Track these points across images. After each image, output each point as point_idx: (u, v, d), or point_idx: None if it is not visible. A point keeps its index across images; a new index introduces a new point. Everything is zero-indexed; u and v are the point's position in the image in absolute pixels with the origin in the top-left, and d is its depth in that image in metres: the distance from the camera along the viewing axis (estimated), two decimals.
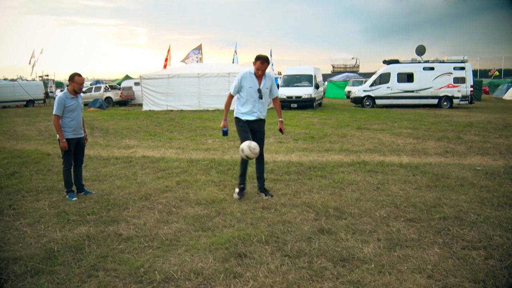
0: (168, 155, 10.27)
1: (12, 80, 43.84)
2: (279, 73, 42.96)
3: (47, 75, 41.97)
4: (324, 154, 10.07)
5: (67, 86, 6.73)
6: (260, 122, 6.53)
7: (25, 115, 25.31)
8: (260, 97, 6.35)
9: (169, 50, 35.81)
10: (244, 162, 6.45)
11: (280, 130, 6.82)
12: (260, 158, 6.60)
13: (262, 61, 6.21)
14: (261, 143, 6.47)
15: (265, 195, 6.47)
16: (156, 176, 8.01)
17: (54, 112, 6.48)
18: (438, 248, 4.51)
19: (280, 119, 6.78)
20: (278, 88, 26.93)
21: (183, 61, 34.88)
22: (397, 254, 4.35)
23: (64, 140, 6.49)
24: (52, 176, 8.15)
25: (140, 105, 28.98)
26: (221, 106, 24.36)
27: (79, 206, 6.21)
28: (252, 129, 6.47)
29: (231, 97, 6.52)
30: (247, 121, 6.42)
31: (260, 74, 6.30)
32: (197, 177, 7.82)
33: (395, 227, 5.11)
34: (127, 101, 35.39)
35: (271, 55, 38.62)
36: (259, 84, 6.34)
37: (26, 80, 43.98)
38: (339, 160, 9.21)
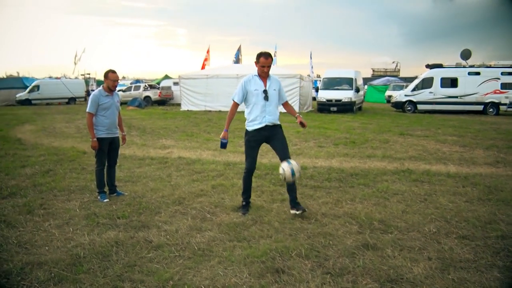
0: (204, 157, 10.01)
1: (57, 78, 44.79)
2: (318, 76, 42.47)
3: (89, 74, 42.67)
4: (366, 160, 9.60)
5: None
6: (272, 129, 5.73)
7: (65, 112, 25.70)
8: (266, 99, 5.65)
9: (208, 51, 35.88)
10: (248, 176, 5.86)
11: (302, 124, 5.76)
12: None
13: (266, 56, 5.64)
14: (284, 147, 5.75)
15: (297, 210, 5.60)
16: (191, 179, 7.73)
17: (87, 110, 6.29)
18: (498, 272, 4.01)
19: (297, 114, 5.85)
20: (317, 91, 26.80)
21: (235, 62, 34.87)
22: (451, 277, 3.88)
23: (95, 139, 6.28)
24: (85, 175, 7.99)
25: (179, 104, 29.08)
26: None
27: (110, 208, 5.97)
28: (267, 138, 5.75)
29: (235, 105, 5.84)
30: (258, 131, 5.69)
31: (266, 71, 5.65)
32: (234, 181, 7.50)
33: (447, 244, 4.63)
34: (165, 101, 35.72)
35: (311, 57, 38.32)
36: (265, 85, 5.71)
37: (70, 78, 44.90)
38: (382, 168, 8.73)
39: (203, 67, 34.21)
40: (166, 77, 44.18)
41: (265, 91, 5.67)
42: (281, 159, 5.66)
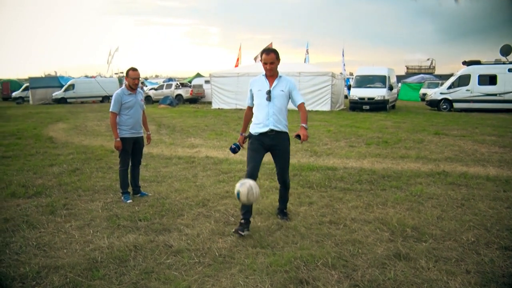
0: (232, 157, 9.80)
1: (92, 77, 45.60)
2: (351, 74, 41.87)
3: (122, 72, 43.26)
4: (399, 161, 9.22)
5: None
6: (277, 137, 5.13)
7: (98, 110, 26.00)
8: (269, 99, 5.07)
9: (240, 49, 35.77)
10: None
11: (298, 137, 4.97)
12: (284, 186, 5.43)
13: (267, 52, 5.06)
14: (284, 167, 5.29)
15: (281, 219, 5.42)
16: (217, 180, 7.55)
17: (110, 109, 6.18)
18: None
19: (303, 124, 5.07)
20: (349, 89, 26.32)
21: (255, 59, 34.47)
22: None
23: (118, 139, 6.16)
24: (111, 175, 7.92)
25: (210, 103, 29.07)
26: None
27: (132, 209, 5.84)
28: (270, 147, 5.19)
29: (249, 109, 5.40)
30: (260, 135, 5.13)
31: (268, 68, 5.05)
32: (260, 182, 7.25)
33: (487, 256, 4.27)
34: (197, 99, 35.85)
35: (343, 55, 37.68)
36: (270, 85, 5.13)
37: (104, 77, 45.63)
38: (416, 169, 8.35)
39: (236, 65, 34.09)
40: (198, 75, 44.42)
41: (268, 92, 5.10)
42: (278, 177, 5.38)
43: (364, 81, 25.22)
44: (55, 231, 5.09)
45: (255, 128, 5.18)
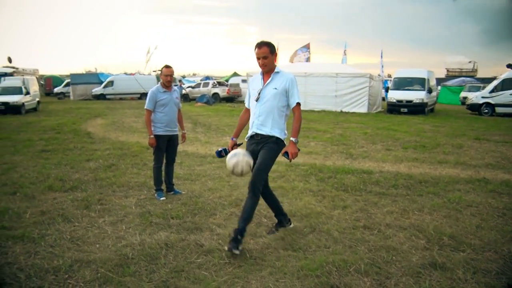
0: None
1: (131, 74, 46.41)
2: (389, 76, 41.22)
3: (160, 70, 43.87)
4: (437, 166, 8.96)
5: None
6: (263, 141, 4.60)
7: (136, 107, 26.38)
8: (257, 99, 4.59)
9: (277, 49, 35.66)
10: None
11: (286, 154, 4.52)
12: (252, 190, 4.51)
13: (259, 46, 4.51)
14: (258, 164, 4.52)
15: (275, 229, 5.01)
16: None
17: (145, 107, 6.24)
18: None
19: (292, 139, 4.52)
20: (387, 91, 25.86)
21: (290, 60, 34.33)
22: None
23: (152, 136, 6.21)
24: (146, 171, 7.98)
25: None
26: (327, 107, 23.94)
27: (165, 207, 5.86)
28: (259, 152, 4.61)
29: (245, 111, 4.95)
30: (249, 140, 4.74)
31: (261, 64, 4.53)
32: (295, 183, 7.19)
33: None
34: (233, 98, 35.97)
35: (381, 56, 37.06)
36: (264, 83, 4.63)
37: (143, 74, 46.36)
38: (455, 175, 8.09)
39: None
40: (235, 74, 44.57)
41: (259, 91, 4.60)
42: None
43: (403, 83, 24.75)
44: (89, 225, 5.16)
45: (249, 133, 4.76)
